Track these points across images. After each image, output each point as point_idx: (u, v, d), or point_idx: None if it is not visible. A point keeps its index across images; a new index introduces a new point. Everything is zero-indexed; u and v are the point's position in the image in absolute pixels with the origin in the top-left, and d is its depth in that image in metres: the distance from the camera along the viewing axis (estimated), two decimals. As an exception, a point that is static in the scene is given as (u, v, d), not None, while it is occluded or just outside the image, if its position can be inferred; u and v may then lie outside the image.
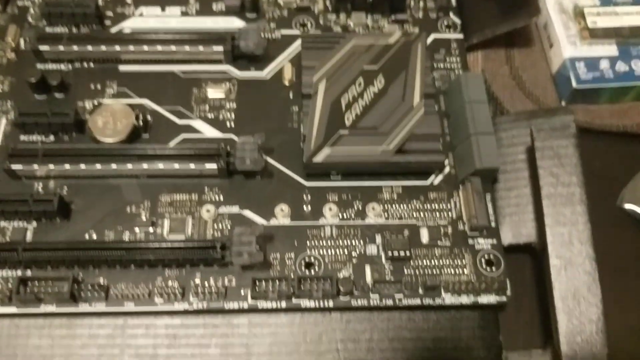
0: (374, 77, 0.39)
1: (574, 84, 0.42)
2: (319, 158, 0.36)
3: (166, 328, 0.35)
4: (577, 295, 0.33)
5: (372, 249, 0.36)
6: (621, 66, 0.42)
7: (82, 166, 0.36)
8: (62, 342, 0.35)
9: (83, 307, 0.34)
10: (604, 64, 0.43)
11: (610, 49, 0.43)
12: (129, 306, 0.34)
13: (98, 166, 0.36)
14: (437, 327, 0.36)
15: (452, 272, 0.35)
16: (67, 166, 0.36)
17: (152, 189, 0.37)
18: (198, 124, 0.39)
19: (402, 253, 0.35)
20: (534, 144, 0.37)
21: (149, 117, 0.39)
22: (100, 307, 0.34)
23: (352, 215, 0.37)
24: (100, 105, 0.39)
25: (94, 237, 0.35)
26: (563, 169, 0.35)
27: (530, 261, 0.39)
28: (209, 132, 0.39)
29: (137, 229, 0.36)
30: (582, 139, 0.39)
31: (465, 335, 0.36)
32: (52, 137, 0.38)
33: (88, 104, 0.40)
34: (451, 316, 0.36)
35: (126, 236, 0.36)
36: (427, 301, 0.35)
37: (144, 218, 0.36)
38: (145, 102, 0.40)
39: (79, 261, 0.34)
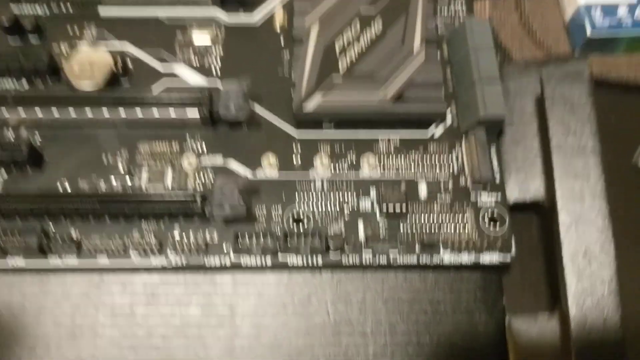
0: (371, 20, 0.36)
1: (588, 32, 0.39)
2: (309, 106, 0.33)
3: (144, 286, 0.33)
4: (588, 254, 0.30)
5: (365, 204, 0.33)
6: (641, 13, 0.39)
7: (56, 113, 0.34)
8: (33, 299, 0.33)
9: (54, 262, 0.32)
10: (622, 11, 0.39)
11: (629, -6, 0.40)
12: (103, 261, 0.32)
13: (73, 113, 0.34)
14: (435, 288, 0.33)
15: (452, 229, 0.33)
16: (39, 113, 0.34)
17: (131, 138, 0.34)
18: (182, 70, 0.37)
19: (398, 208, 0.32)
20: (544, 91, 0.34)
21: (129, 63, 0.36)
22: (72, 261, 0.32)
23: (345, 168, 0.34)
24: (77, 50, 0.36)
25: (68, 188, 0.33)
26: (575, 117, 0.33)
27: (537, 221, 0.36)
28: (194, 79, 0.36)
29: (113, 180, 0.33)
30: (597, 92, 0.36)
31: (466, 298, 0.33)
32: (25, 84, 0.36)
33: (64, 49, 0.37)
34: (450, 277, 0.34)
35: (101, 187, 0.33)
36: (425, 260, 0.32)
37: (120, 168, 0.34)
38: (126, 47, 0.37)
39: (49, 212, 0.32)
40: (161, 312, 0.32)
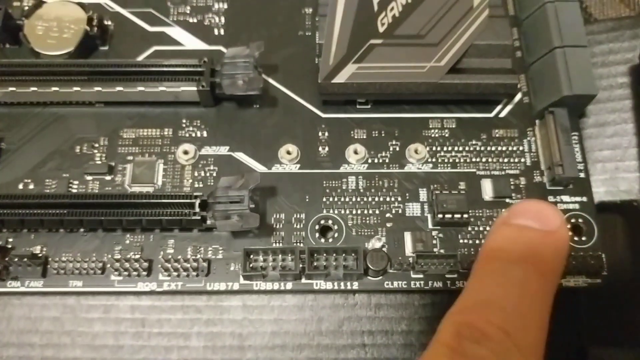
0: (420, -34, 0.30)
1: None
2: (340, 78, 0.28)
3: (132, 311, 0.28)
4: None
5: (414, 209, 0.28)
6: None
7: (14, 89, 0.29)
8: (-8, 327, 0.28)
9: (13, 286, 0.27)
10: None
11: None
12: (75, 285, 0.27)
13: (36, 88, 0.29)
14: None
15: (526, 242, 0.27)
16: (-6, 88, 0.29)
17: (111, 120, 0.30)
18: (175, 31, 0.32)
19: (456, 215, 0.27)
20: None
21: (108, 22, 0.32)
22: (36, 285, 0.27)
23: (387, 160, 0.29)
24: (41, 5, 0.31)
25: (31, 187, 0.28)
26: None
27: (624, 225, 0.29)
28: (190, 42, 0.32)
29: (88, 177, 0.29)
30: None
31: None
32: (-24, 49, 0.31)
33: (25, 3, 0.32)
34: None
35: (73, 187, 0.28)
36: (492, 283, 0.26)
37: (98, 161, 0.29)
38: (104, 0, 0.32)
39: (5, 223, 0.27)
40: (153, 344, 0.27)
